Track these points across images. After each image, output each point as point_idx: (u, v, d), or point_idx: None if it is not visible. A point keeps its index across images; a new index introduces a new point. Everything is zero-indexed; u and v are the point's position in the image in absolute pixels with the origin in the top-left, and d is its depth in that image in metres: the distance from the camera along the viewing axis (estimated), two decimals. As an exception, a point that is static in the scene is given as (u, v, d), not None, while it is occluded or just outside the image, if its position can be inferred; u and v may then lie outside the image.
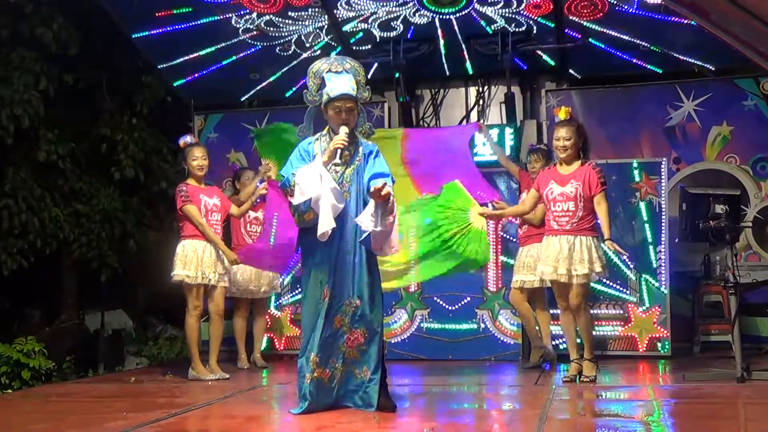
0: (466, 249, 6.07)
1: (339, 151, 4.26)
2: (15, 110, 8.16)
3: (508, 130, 7.53)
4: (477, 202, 5.94)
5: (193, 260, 5.90)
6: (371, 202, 4.24)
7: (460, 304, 7.08)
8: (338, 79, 4.38)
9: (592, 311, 6.70)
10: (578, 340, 5.62)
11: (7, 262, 8.51)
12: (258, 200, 6.57)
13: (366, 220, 4.23)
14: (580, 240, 5.37)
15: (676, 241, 6.52)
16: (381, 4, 7.24)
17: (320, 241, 4.25)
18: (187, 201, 5.93)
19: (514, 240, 6.84)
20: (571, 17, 7.20)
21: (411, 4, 7.20)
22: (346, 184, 4.39)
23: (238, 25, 7.52)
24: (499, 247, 7.07)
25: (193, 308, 5.97)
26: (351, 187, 4.40)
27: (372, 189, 4.17)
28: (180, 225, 6.05)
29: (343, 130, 4.31)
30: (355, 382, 4.37)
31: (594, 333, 6.70)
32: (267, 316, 7.18)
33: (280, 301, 7.50)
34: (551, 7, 7.13)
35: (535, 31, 7.53)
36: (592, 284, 5.77)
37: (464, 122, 8.23)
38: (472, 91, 8.37)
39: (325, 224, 4.19)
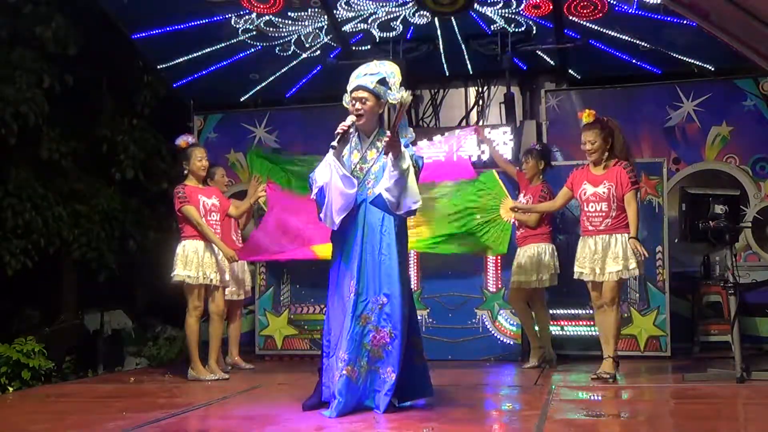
0: (486, 234, 6.28)
1: (339, 135, 4.30)
2: (21, 108, 8.14)
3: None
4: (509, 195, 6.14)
5: (194, 260, 5.90)
6: (388, 162, 4.26)
7: (459, 305, 7.08)
8: (364, 77, 4.44)
9: (591, 311, 6.74)
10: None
11: (11, 262, 8.50)
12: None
13: (385, 181, 4.25)
14: (615, 238, 5.41)
15: (676, 241, 6.52)
16: (380, 4, 7.24)
17: (346, 236, 4.32)
18: (185, 202, 5.93)
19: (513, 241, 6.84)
20: (570, 17, 7.20)
21: (410, 4, 7.21)
22: (371, 180, 4.40)
23: (237, 26, 7.53)
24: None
25: (193, 308, 5.97)
26: (376, 183, 4.37)
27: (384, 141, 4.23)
28: (180, 226, 6.05)
29: (350, 118, 4.37)
30: (379, 381, 4.31)
31: (594, 332, 6.75)
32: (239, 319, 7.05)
33: (280, 301, 7.49)
34: (551, 7, 7.14)
35: (534, 32, 7.54)
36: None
37: (464, 122, 8.25)
38: (472, 91, 8.38)
39: (330, 210, 4.24)
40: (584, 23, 7.28)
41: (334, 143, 4.29)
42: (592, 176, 5.54)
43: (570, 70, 8.07)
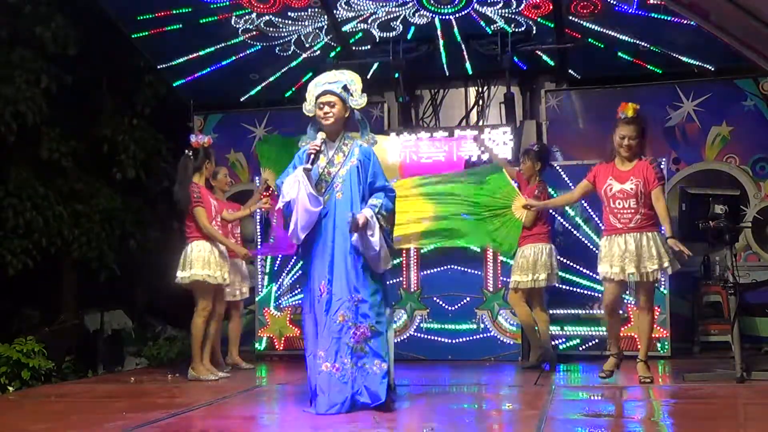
0: (496, 231, 6.32)
1: (311, 156, 4.43)
2: (19, 107, 8.13)
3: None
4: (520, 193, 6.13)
5: (211, 260, 5.90)
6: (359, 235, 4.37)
7: (459, 305, 7.08)
8: (332, 84, 4.57)
9: (591, 311, 6.76)
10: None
11: (12, 262, 8.50)
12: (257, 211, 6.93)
13: (360, 245, 4.38)
14: (647, 236, 5.30)
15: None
16: (380, 4, 7.24)
17: (317, 238, 4.43)
18: (199, 203, 5.93)
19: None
20: (570, 17, 7.20)
21: (411, 4, 7.21)
22: (339, 184, 4.50)
23: (237, 26, 7.52)
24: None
25: (202, 309, 5.95)
26: (344, 186, 4.50)
27: (350, 224, 4.31)
28: (188, 224, 6.01)
29: (320, 137, 4.51)
30: (370, 376, 4.33)
31: (594, 332, 6.78)
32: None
33: (280, 301, 7.50)
34: (551, 7, 7.14)
35: (534, 32, 7.54)
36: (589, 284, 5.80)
37: (464, 122, 8.24)
38: (472, 91, 8.37)
39: (296, 227, 4.40)
40: (584, 23, 7.28)
41: (308, 165, 4.40)
42: (617, 172, 5.38)
43: (570, 71, 8.07)
